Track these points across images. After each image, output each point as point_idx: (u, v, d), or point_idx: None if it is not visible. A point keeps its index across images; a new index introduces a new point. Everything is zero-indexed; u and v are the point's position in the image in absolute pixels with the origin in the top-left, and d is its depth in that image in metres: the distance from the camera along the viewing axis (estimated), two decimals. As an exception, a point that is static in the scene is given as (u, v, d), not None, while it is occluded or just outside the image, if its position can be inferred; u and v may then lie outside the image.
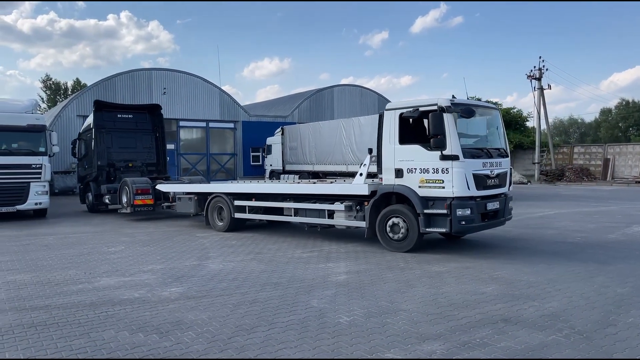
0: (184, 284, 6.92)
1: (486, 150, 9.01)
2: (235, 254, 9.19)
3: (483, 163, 8.71)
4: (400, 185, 8.91)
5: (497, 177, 8.97)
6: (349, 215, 9.79)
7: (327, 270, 7.75)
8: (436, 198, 8.50)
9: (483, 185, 8.66)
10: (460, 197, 8.34)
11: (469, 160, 8.40)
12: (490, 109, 9.98)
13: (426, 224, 8.60)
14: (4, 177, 14.73)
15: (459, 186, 8.28)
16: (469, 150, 8.62)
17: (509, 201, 9.56)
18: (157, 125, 18.31)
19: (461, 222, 8.34)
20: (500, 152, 9.41)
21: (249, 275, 7.45)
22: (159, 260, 8.71)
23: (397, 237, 9.09)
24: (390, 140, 9.09)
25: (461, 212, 8.31)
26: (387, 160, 9.15)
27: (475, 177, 8.47)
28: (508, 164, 9.48)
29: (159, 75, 31.20)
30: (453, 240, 10.34)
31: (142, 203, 14.50)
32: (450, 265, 7.94)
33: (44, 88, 65.71)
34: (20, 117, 15.25)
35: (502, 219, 9.43)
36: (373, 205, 9.29)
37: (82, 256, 9.15)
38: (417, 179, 8.68)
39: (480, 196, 8.66)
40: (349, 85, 39.83)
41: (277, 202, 11.24)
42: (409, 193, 8.77)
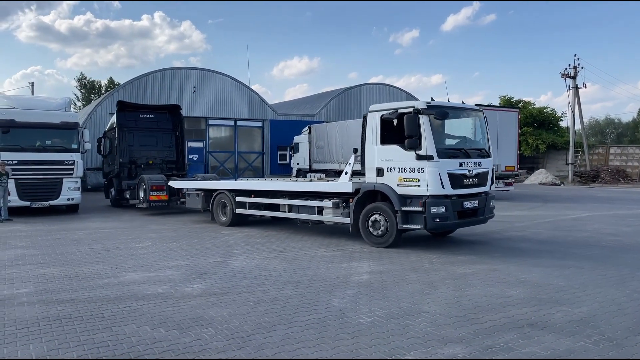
0: (206, 281, 6.96)
1: (464, 151, 9.31)
2: (259, 252, 9.21)
3: (460, 163, 9.02)
4: (381, 183, 9.31)
5: (477, 176, 9.27)
6: (336, 212, 10.23)
7: (350, 269, 7.69)
8: (413, 196, 8.88)
9: (460, 185, 8.98)
10: (434, 195, 8.70)
11: (444, 160, 8.76)
12: (474, 111, 10.17)
13: (403, 220, 8.95)
14: (37, 173, 15.17)
15: (433, 185, 8.66)
16: (445, 150, 8.99)
17: (490, 200, 9.83)
18: (177, 125, 18.97)
19: (435, 220, 8.69)
20: (482, 152, 9.70)
21: (271, 273, 7.45)
22: (184, 256, 8.80)
23: (377, 233, 9.45)
24: (373, 140, 9.52)
25: (435, 210, 8.66)
26: (369, 159, 9.57)
27: (451, 176, 8.81)
28: (490, 164, 9.75)
29: (188, 74, 31.61)
30: (479, 243, 10.13)
31: (157, 199, 15.23)
32: (477, 267, 7.76)
33: (79, 87, 67.50)
34: (54, 115, 15.69)
35: (483, 217, 9.72)
36: (357, 203, 9.70)
37: (110, 251, 9.32)
38: (396, 178, 9.07)
39: (457, 195, 8.96)
40: (377, 84, 39.53)
41: (272, 198, 11.75)
42: (388, 191, 9.15)
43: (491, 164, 9.84)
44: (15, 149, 14.95)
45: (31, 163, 15.12)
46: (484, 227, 12.24)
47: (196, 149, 31.59)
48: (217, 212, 13.19)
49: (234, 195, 12.64)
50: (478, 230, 11.74)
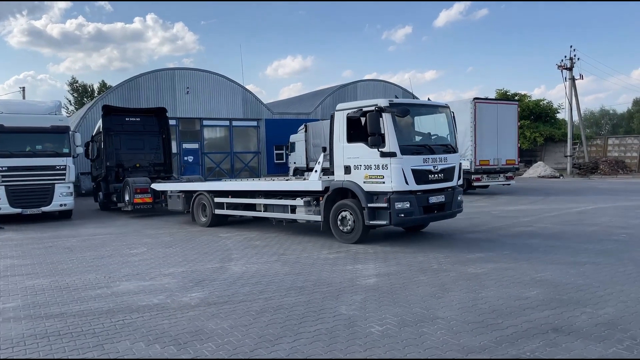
0: (205, 289, 6.58)
1: (429, 147, 9.43)
2: (259, 255, 8.83)
3: (424, 159, 9.15)
4: (349, 181, 9.45)
5: (442, 172, 9.40)
6: (308, 210, 10.36)
7: (355, 272, 7.32)
8: (379, 192, 9.00)
9: (424, 180, 9.12)
10: (398, 191, 8.81)
11: (407, 156, 8.88)
12: (440, 107, 10.31)
13: (370, 217, 9.09)
14: (28, 179, 14.72)
15: (397, 181, 8.79)
16: (409, 147, 9.09)
17: (458, 194, 9.92)
18: (163, 128, 18.94)
19: (400, 215, 8.83)
20: (448, 148, 9.81)
21: (272, 278, 7.07)
22: (181, 262, 8.41)
23: (346, 230, 9.64)
24: (340, 139, 9.66)
25: (400, 206, 8.79)
26: (337, 158, 9.72)
27: (415, 172, 8.95)
28: (456, 159, 9.89)
29: (182, 75, 31.13)
30: (488, 240, 9.80)
31: (141, 201, 15.35)
32: (488, 267, 7.41)
33: (71, 91, 66.82)
34: (44, 119, 15.23)
35: (450, 212, 9.85)
36: (327, 200, 9.88)
37: (103, 259, 8.92)
38: (362, 175, 9.22)
39: (422, 190, 9.09)
40: (372, 80, 39.13)
41: (249, 198, 11.88)
42: (355, 188, 9.29)
43: (458, 159, 9.98)
44: (4, 155, 14.48)
45: (21, 169, 14.66)
46: (489, 223, 11.91)
47: (191, 150, 31.17)
48: (198, 213, 13.36)
49: (213, 196, 12.78)
50: (483, 227, 11.41)
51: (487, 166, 19.73)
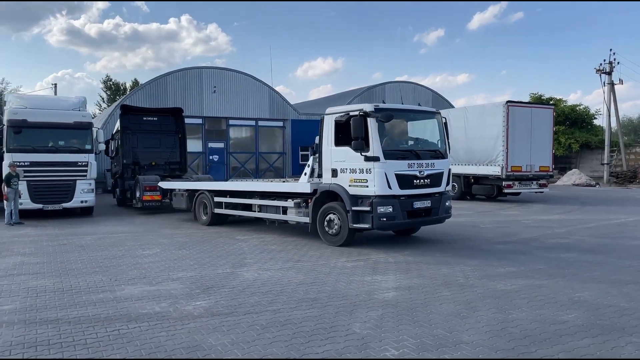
0: (211, 297, 6.18)
1: (415, 152, 9.49)
2: (274, 261, 8.40)
3: (409, 164, 9.20)
4: (335, 184, 9.53)
5: (429, 177, 9.41)
6: (298, 212, 10.45)
7: (374, 284, 6.80)
8: (363, 196, 9.07)
9: (409, 185, 9.15)
10: (381, 195, 8.87)
11: (390, 161, 8.95)
12: (430, 113, 10.38)
13: (354, 220, 9.13)
14: (50, 174, 14.68)
15: (380, 185, 8.85)
16: (393, 152, 9.19)
17: (446, 200, 9.90)
18: (179, 127, 19.36)
19: (381, 219, 8.86)
20: (436, 154, 9.85)
21: (284, 287, 6.62)
22: (192, 266, 8.05)
23: (332, 232, 9.69)
24: (328, 142, 9.77)
25: (382, 210, 8.85)
26: (325, 161, 9.84)
27: (399, 177, 8.99)
28: (445, 165, 9.88)
29: (209, 74, 31.08)
30: (520, 252, 9.13)
31: (150, 199, 15.67)
32: (519, 283, 6.79)
33: (104, 88, 68.16)
34: (67, 115, 15.20)
35: (437, 217, 9.84)
36: (315, 203, 9.94)
37: (113, 259, 8.64)
38: (348, 179, 9.31)
39: (406, 195, 9.11)
40: (402, 82, 38.44)
41: (245, 199, 12.01)
42: (341, 191, 9.37)
43: (447, 165, 9.96)
44: (27, 150, 14.49)
45: (43, 164, 14.63)
46: (520, 233, 11.21)
47: (217, 149, 31.06)
48: (199, 211, 13.61)
49: (213, 196, 12.95)
50: (514, 237, 10.72)
51: (519, 172, 18.86)
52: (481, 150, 19.37)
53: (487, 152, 19.14)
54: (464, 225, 12.84)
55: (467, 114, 20.39)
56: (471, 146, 19.80)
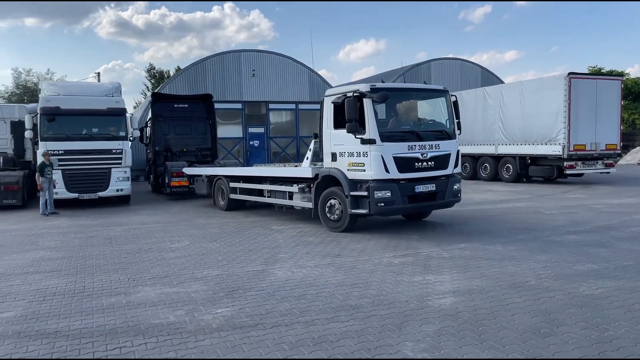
0: (235, 302, 5.31)
1: (416, 134, 8.96)
2: (310, 256, 7.47)
3: (409, 146, 8.73)
4: (335, 168, 9.19)
5: (433, 159, 8.94)
6: (302, 197, 10.16)
7: (426, 286, 5.75)
8: (361, 180, 8.70)
9: (410, 168, 8.71)
10: (378, 179, 8.50)
11: (388, 143, 8.52)
12: (437, 91, 9.85)
13: (353, 205, 8.78)
14: (84, 163, 14.26)
15: (376, 169, 8.47)
16: (392, 133, 8.74)
17: (454, 183, 9.38)
18: (210, 113, 19.22)
19: (379, 204, 8.48)
20: (441, 134, 9.34)
21: (320, 290, 5.68)
22: (220, 262, 7.23)
23: (334, 218, 9.37)
24: (328, 125, 9.38)
25: (380, 194, 8.46)
26: (325, 144, 9.47)
27: (397, 159, 8.56)
28: (453, 146, 9.36)
29: (247, 57, 30.31)
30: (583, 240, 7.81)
31: (178, 185, 15.72)
32: (607, 286, 5.57)
33: (148, 77, 68.98)
34: (99, 101, 14.69)
35: (443, 202, 9.33)
36: (317, 188, 9.63)
37: (138, 254, 7.94)
38: (346, 163, 8.95)
39: (407, 179, 8.68)
40: (448, 58, 36.43)
41: (257, 184, 11.79)
42: (340, 176, 9.02)
43: (455, 146, 9.45)
44: (61, 138, 14.10)
45: (77, 152, 14.20)
46: (592, 221, 9.84)
47: (257, 134, 30.40)
48: (217, 197, 13.64)
49: (229, 181, 12.90)
50: (587, 225, 9.37)
51: (582, 151, 17.12)
52: (539, 128, 17.71)
53: (546, 129, 17.47)
54: (524, 212, 11.50)
55: (523, 88, 18.68)
56: (528, 124, 18.16)
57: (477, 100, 20.79)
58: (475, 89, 22.01)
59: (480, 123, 20.40)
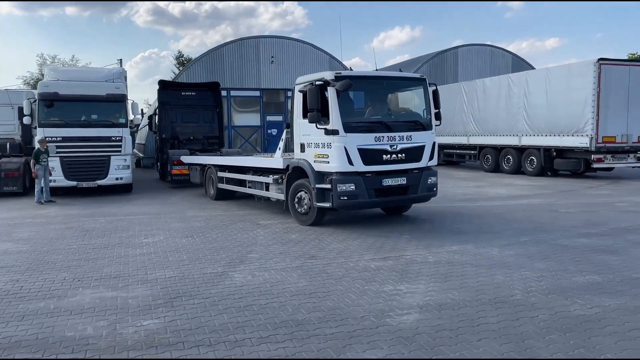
0: (171, 312, 4.71)
1: (386, 124, 8.54)
2: (282, 257, 6.82)
3: (376, 137, 8.32)
4: (303, 159, 8.88)
5: (404, 152, 8.48)
6: (277, 189, 9.87)
7: (393, 298, 5.02)
8: (326, 173, 8.37)
9: (377, 161, 8.30)
10: (341, 172, 8.15)
11: (352, 134, 8.16)
12: (413, 79, 9.48)
13: (319, 198, 8.46)
14: (83, 150, 13.96)
15: (339, 161, 8.12)
16: (357, 124, 8.37)
17: (428, 177, 8.91)
18: (217, 102, 19.08)
19: (342, 198, 8.13)
20: (415, 125, 8.88)
21: (272, 300, 5.02)
22: (182, 261, 6.65)
23: (302, 211, 9.07)
24: (297, 115, 9.02)
25: (343, 188, 8.11)
26: (295, 135, 9.15)
27: (363, 151, 8.18)
28: (428, 137, 8.89)
29: (266, 43, 29.68)
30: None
31: (179, 173, 15.53)
32: (604, 304, 4.70)
33: (177, 64, 69.28)
34: (99, 86, 14.36)
35: (416, 196, 8.89)
36: (288, 179, 9.34)
37: (103, 249, 7.46)
38: (313, 154, 8.62)
39: (374, 172, 8.28)
40: (477, 44, 34.84)
41: (241, 174, 11.53)
42: (307, 167, 8.71)
43: (431, 137, 8.94)
44: (59, 124, 13.83)
45: (76, 139, 13.89)
46: (611, 221, 8.85)
47: (275, 122, 29.82)
48: (208, 186, 13.48)
49: (217, 170, 12.74)
50: (603, 227, 8.40)
51: (612, 144, 15.80)
52: (565, 118, 16.46)
53: (572, 120, 16.21)
54: (539, 209, 10.53)
55: (550, 76, 17.38)
56: (554, 114, 16.91)
57: (500, 88, 19.58)
58: (500, 76, 20.74)
59: (503, 112, 19.22)
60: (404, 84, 9.64)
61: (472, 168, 21.91)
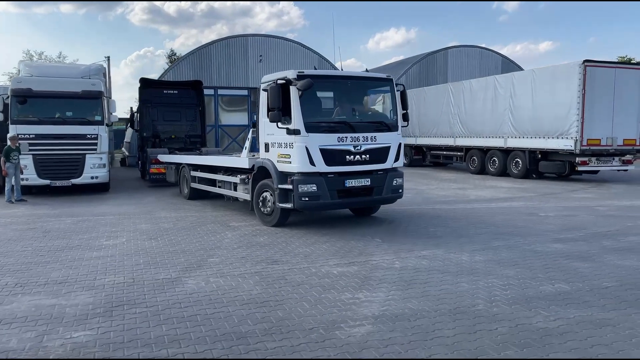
0: (107, 322, 4.41)
1: (349, 125, 8.40)
2: (244, 261, 6.52)
3: (339, 138, 8.21)
4: (267, 159, 8.81)
5: (368, 152, 8.39)
6: (244, 189, 9.73)
7: (349, 307, 4.74)
8: (289, 173, 8.28)
9: (339, 161, 8.21)
10: (302, 172, 8.05)
11: (314, 134, 8.04)
12: (379, 80, 9.34)
13: (281, 199, 8.36)
14: (57, 148, 13.58)
15: (300, 161, 8.02)
16: (319, 124, 8.23)
17: (393, 178, 8.80)
18: (200, 100, 18.82)
19: (303, 199, 8.03)
20: (380, 126, 8.76)
21: (220, 309, 4.73)
22: (137, 266, 6.35)
23: (266, 211, 8.96)
24: (263, 114, 8.89)
25: (304, 188, 8.00)
26: (261, 134, 9.08)
27: (325, 152, 8.08)
28: (392, 138, 8.78)
29: (254, 42, 29.38)
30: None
31: (157, 172, 15.34)
32: (570, 315, 4.45)
33: (169, 63, 68.81)
34: (74, 83, 13.99)
35: (381, 197, 8.75)
36: (254, 179, 9.26)
37: (58, 252, 7.13)
38: (276, 154, 8.55)
39: (336, 172, 8.18)
40: (466, 46, 34.69)
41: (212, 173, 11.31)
42: (270, 167, 8.62)
43: (397, 138, 8.86)
44: (32, 122, 13.45)
45: (50, 137, 13.52)
46: (589, 226, 8.61)
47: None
48: (183, 185, 13.36)
49: (190, 169, 12.58)
50: (579, 232, 8.18)
51: (597, 146, 15.62)
52: (550, 121, 16.26)
53: (557, 122, 16.02)
54: (517, 212, 10.30)
55: (535, 77, 17.19)
56: (539, 115, 16.72)
57: (487, 89, 19.37)
58: (486, 78, 20.52)
59: (489, 114, 19.01)
60: (369, 84, 9.46)
61: (458, 170, 21.71)
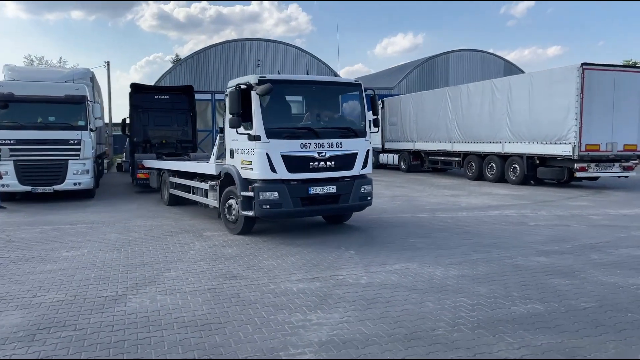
0: (23, 348, 4.03)
1: (313, 131, 8.18)
2: (202, 275, 6.12)
3: (302, 144, 8.01)
4: (232, 165, 8.64)
5: (334, 159, 8.20)
6: (214, 196, 9.53)
7: (297, 330, 4.32)
8: (251, 180, 8.10)
9: (303, 168, 8.03)
10: (263, 179, 7.89)
11: (275, 140, 7.86)
12: (346, 85, 9.06)
13: (244, 206, 8.16)
14: (39, 153, 13.28)
15: (261, 168, 7.86)
16: (281, 130, 8.03)
17: (361, 185, 8.59)
18: (192, 105, 18.67)
19: (264, 206, 7.87)
20: (347, 132, 8.55)
21: (156, 331, 4.33)
22: (84, 282, 5.96)
23: (231, 219, 8.79)
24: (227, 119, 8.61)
25: (265, 196, 7.84)
26: (227, 140, 8.94)
27: (287, 158, 7.90)
28: (359, 144, 8.59)
29: (252, 46, 29.19)
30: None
31: (143, 177, 15.23)
32: (536, 343, 3.99)
33: (173, 68, 68.93)
34: (57, 87, 13.71)
35: (347, 205, 8.55)
36: (221, 186, 9.09)
37: (11, 265, 6.77)
38: (240, 160, 8.35)
39: (299, 179, 8.00)
40: (468, 50, 34.24)
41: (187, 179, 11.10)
42: (234, 174, 8.44)
43: (365, 145, 8.66)
44: (14, 127, 13.16)
45: (32, 142, 13.22)
46: (579, 237, 8.12)
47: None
48: (163, 190, 13.31)
49: (169, 175, 12.50)
50: (567, 245, 7.71)
51: (596, 152, 15.11)
52: (548, 125, 15.78)
53: (555, 127, 15.53)
54: (506, 222, 9.83)
55: (533, 81, 16.71)
56: (536, 120, 16.24)
57: (484, 94, 18.91)
58: (484, 82, 20.03)
59: (487, 118, 18.55)
60: (336, 89, 9.15)
61: (456, 176, 21.23)
